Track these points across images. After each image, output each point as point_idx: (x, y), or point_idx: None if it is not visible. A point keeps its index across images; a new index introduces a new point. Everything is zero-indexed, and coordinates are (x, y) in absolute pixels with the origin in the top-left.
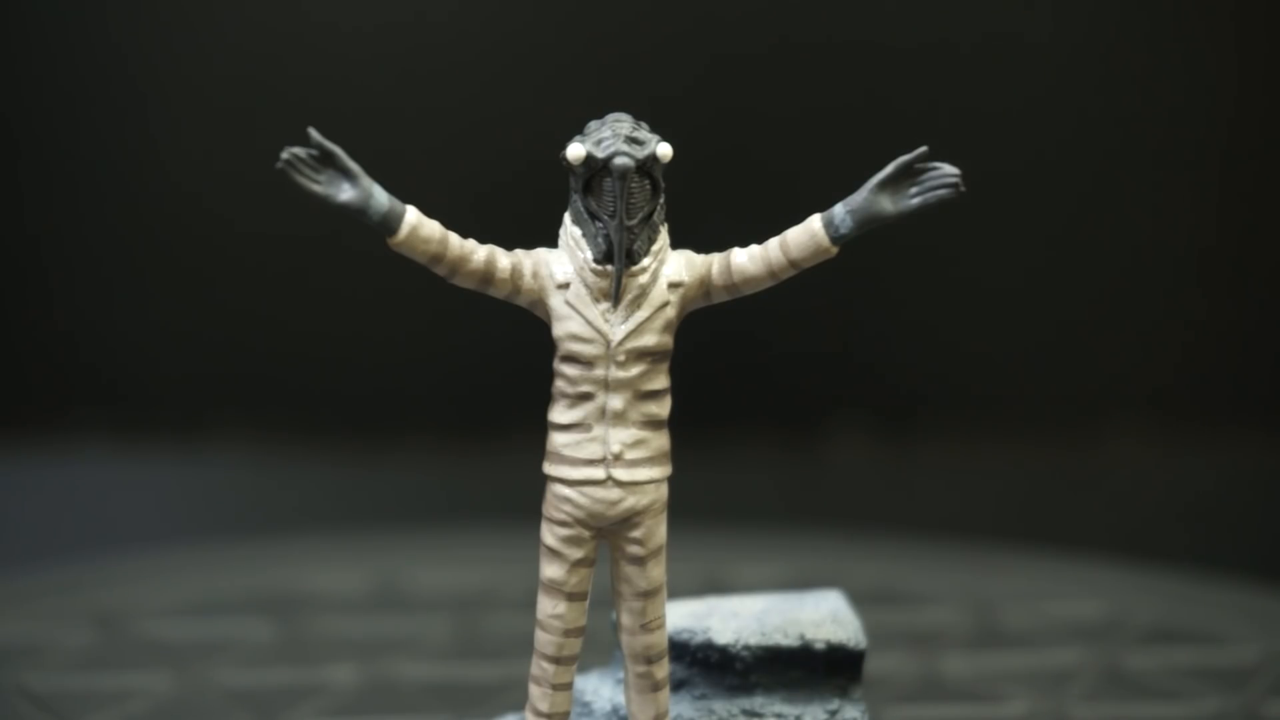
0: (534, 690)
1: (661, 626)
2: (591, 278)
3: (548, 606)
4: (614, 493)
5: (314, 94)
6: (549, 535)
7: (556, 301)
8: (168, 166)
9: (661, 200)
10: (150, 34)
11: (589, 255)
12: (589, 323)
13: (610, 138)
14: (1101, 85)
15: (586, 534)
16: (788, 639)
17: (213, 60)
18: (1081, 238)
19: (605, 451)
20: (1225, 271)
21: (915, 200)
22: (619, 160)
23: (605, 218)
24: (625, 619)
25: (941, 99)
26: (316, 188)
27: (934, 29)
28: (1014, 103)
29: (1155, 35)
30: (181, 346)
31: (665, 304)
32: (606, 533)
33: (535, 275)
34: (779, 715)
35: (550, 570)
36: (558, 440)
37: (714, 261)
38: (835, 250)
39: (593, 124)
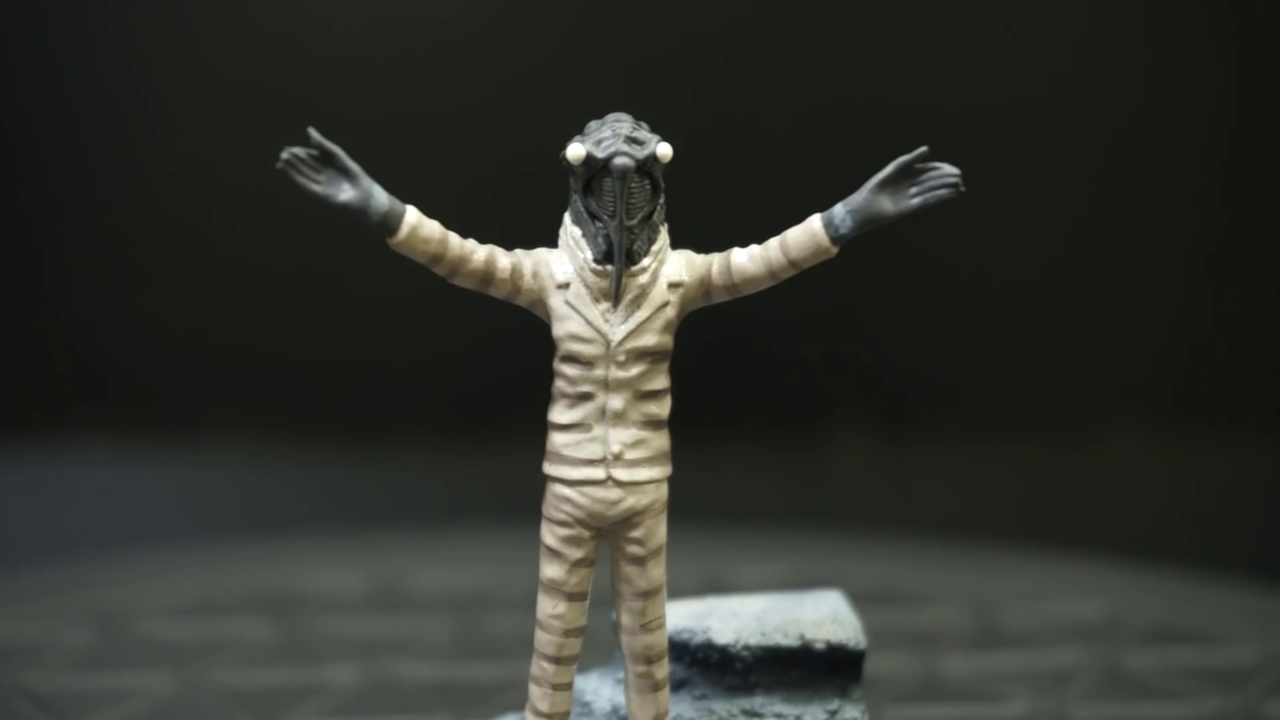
0: (534, 690)
1: (661, 626)
2: (591, 278)
3: (548, 606)
4: (614, 493)
5: (314, 95)
6: (549, 535)
7: (556, 301)
8: (168, 167)
9: (661, 200)
10: (152, 34)
11: (589, 255)
12: (589, 323)
13: (610, 138)
14: (1104, 85)
15: (586, 534)
16: (788, 639)
17: (212, 60)
18: (1081, 238)
19: (605, 451)
20: (1225, 272)
21: (915, 200)
22: (619, 160)
23: (605, 218)
24: (625, 619)
25: (943, 99)
26: (316, 188)
27: (935, 29)
28: (1015, 103)
29: (1159, 35)
30: (181, 346)
31: (665, 304)
32: (606, 533)
33: (535, 275)
34: (779, 715)
35: (550, 570)
36: (558, 440)
37: (714, 261)
38: (835, 250)
39: (593, 124)
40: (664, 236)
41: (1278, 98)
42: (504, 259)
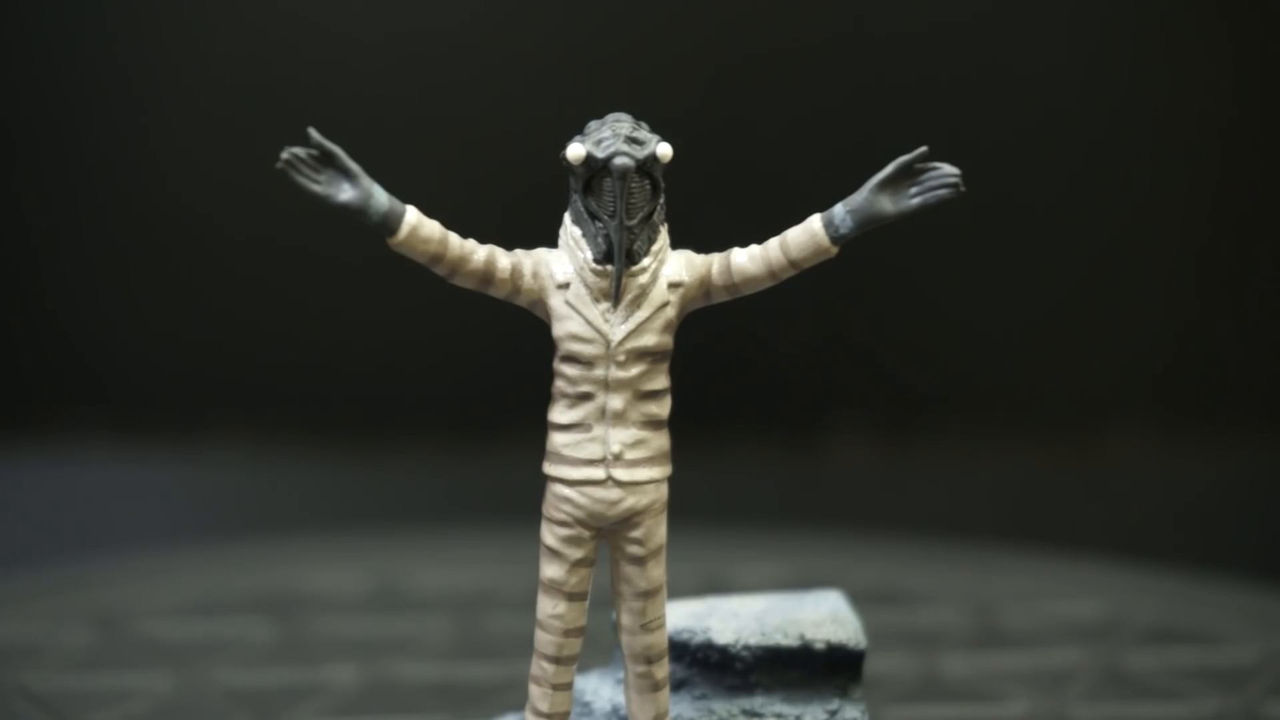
0: (534, 690)
1: (661, 626)
2: (591, 278)
3: (548, 606)
4: (614, 493)
5: (314, 96)
6: (549, 535)
7: (556, 301)
8: (168, 167)
9: (661, 200)
10: (152, 37)
11: (589, 255)
12: (589, 323)
13: (610, 138)
14: (1100, 85)
15: (586, 534)
16: (788, 639)
17: (212, 64)
18: (1081, 238)
19: (605, 451)
20: (1225, 271)
21: (915, 200)
22: (619, 160)
23: (605, 218)
24: (625, 619)
25: (942, 99)
26: (316, 188)
27: (937, 29)
28: (1015, 104)
29: (1152, 35)
30: (182, 347)
31: (665, 304)
32: (606, 533)
33: (535, 275)
34: (779, 715)
35: (550, 570)
36: (558, 440)
37: (714, 261)
38: (835, 250)
39: (593, 124)
40: (664, 236)
41: (1274, 99)
42: (504, 259)
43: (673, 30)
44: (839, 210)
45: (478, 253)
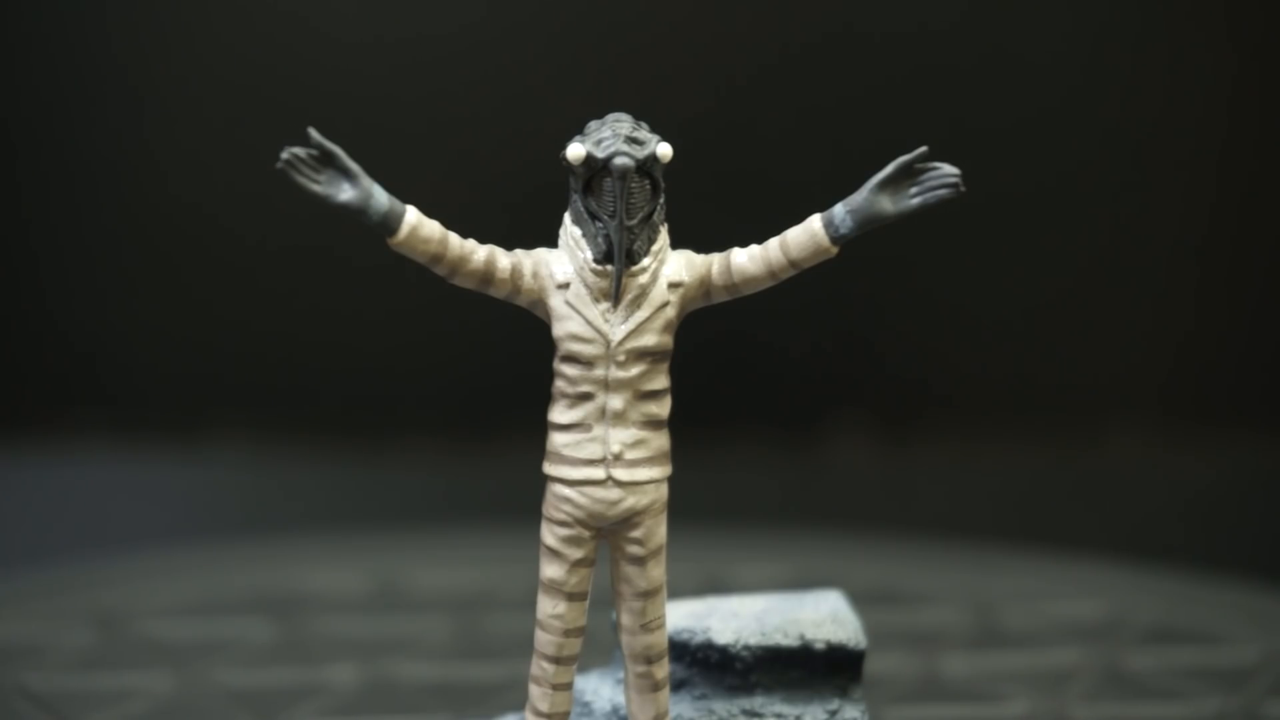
0: (534, 690)
1: (661, 626)
2: (591, 278)
3: (548, 606)
4: (614, 493)
5: (315, 97)
6: (549, 535)
7: (556, 301)
8: (169, 167)
9: (661, 200)
10: (153, 36)
11: (589, 255)
12: (589, 323)
13: (610, 138)
14: (1099, 85)
15: (586, 534)
16: (788, 639)
17: (213, 65)
18: (1081, 238)
19: (605, 451)
20: (1225, 271)
21: (915, 200)
22: (619, 160)
23: (605, 218)
24: (625, 619)
25: (942, 99)
26: (316, 188)
27: (938, 30)
28: (1013, 103)
29: (1151, 34)
30: (182, 347)
31: (665, 304)
32: (606, 533)
33: (535, 275)
34: (779, 715)
35: (550, 570)
36: (558, 440)
37: (714, 261)
38: (835, 250)
39: (593, 124)
40: (664, 236)
41: (1271, 99)
42: (504, 259)
43: (673, 31)
44: (839, 210)
45: (478, 253)
